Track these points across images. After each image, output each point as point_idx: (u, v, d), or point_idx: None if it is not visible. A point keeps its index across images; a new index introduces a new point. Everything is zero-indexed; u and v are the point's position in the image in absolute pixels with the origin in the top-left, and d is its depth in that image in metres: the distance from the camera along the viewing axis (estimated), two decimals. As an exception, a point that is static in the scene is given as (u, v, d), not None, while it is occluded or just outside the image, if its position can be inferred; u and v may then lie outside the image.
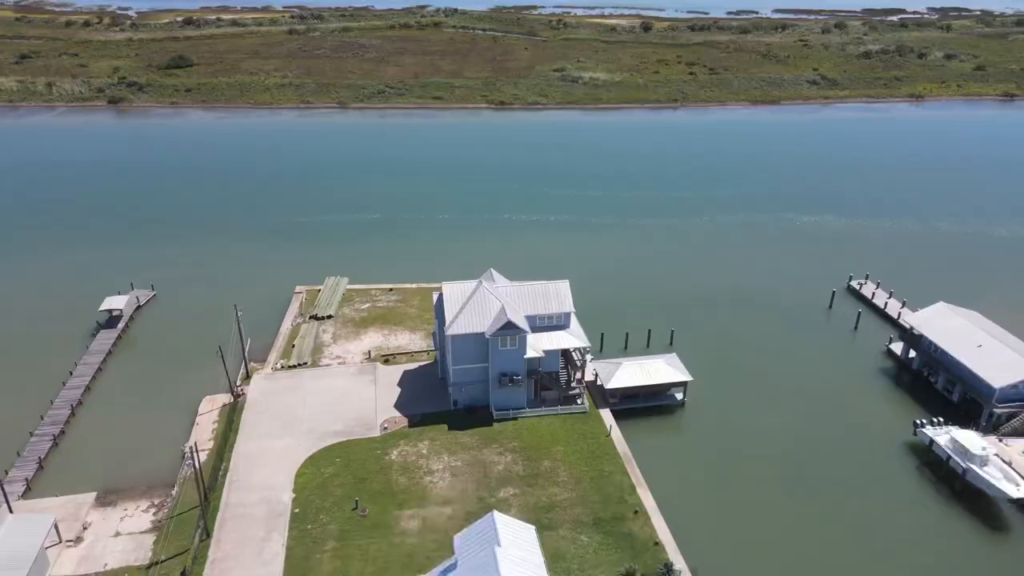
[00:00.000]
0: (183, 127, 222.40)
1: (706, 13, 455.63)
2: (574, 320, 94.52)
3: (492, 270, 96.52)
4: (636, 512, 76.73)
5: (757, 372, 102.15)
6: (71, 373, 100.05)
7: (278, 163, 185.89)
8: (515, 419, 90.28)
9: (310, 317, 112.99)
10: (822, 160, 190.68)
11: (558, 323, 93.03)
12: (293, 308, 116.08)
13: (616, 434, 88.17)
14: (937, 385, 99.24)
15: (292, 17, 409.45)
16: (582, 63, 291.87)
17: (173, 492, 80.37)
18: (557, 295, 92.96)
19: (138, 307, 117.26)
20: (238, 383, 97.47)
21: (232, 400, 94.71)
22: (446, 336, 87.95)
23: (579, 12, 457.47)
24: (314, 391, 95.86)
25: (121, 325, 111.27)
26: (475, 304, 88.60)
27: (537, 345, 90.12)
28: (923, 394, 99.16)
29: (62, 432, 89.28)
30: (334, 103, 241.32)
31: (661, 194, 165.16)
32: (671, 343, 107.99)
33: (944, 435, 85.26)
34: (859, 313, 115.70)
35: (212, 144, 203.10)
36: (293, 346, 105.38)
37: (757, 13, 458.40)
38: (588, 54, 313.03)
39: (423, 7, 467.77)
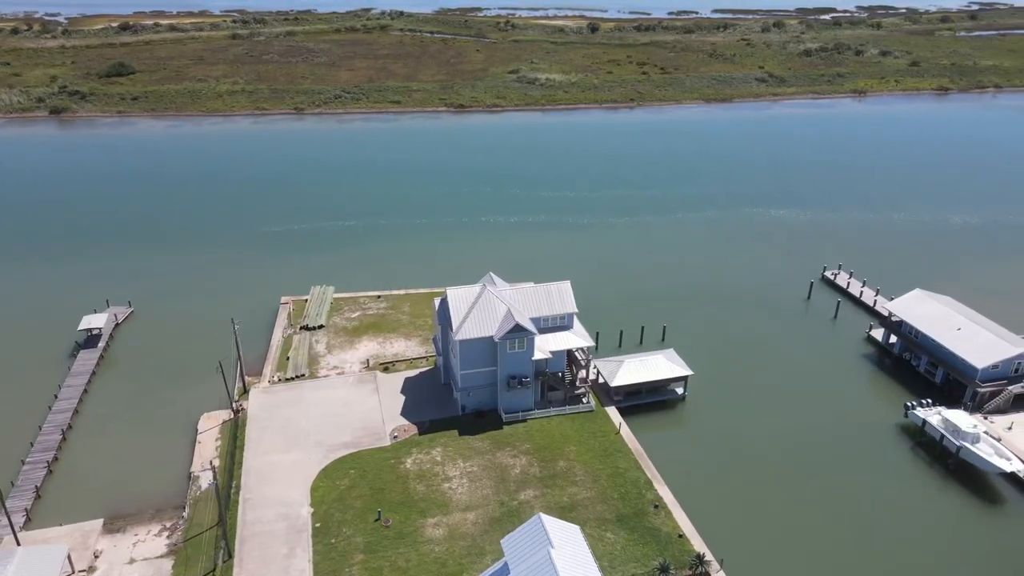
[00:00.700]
0: (134, 137, 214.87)
1: (648, 13, 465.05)
2: (576, 320, 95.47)
3: (491, 274, 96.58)
4: (656, 507, 78.10)
5: (749, 364, 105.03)
6: (56, 396, 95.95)
7: (243, 171, 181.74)
8: (524, 421, 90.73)
9: (301, 328, 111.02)
10: (780, 156, 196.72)
11: (562, 324, 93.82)
12: (281, 319, 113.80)
13: (625, 431, 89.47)
14: (920, 368, 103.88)
15: (234, 22, 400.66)
16: (536, 64, 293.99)
17: (184, 513, 77.99)
18: (560, 296, 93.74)
19: (116, 325, 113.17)
20: (235, 398, 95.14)
21: (232, 416, 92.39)
22: (454, 341, 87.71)
23: (524, 14, 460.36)
24: (316, 403, 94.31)
25: (102, 344, 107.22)
26: (481, 308, 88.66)
27: (543, 346, 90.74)
28: (906, 377, 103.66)
29: (55, 458, 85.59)
30: (290, 109, 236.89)
31: (630, 193, 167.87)
32: (663, 339, 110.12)
33: (935, 416, 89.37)
34: (838, 303, 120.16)
35: (169, 153, 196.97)
36: (288, 358, 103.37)
37: (697, 13, 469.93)
38: (540, 55, 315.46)
39: (367, 10, 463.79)
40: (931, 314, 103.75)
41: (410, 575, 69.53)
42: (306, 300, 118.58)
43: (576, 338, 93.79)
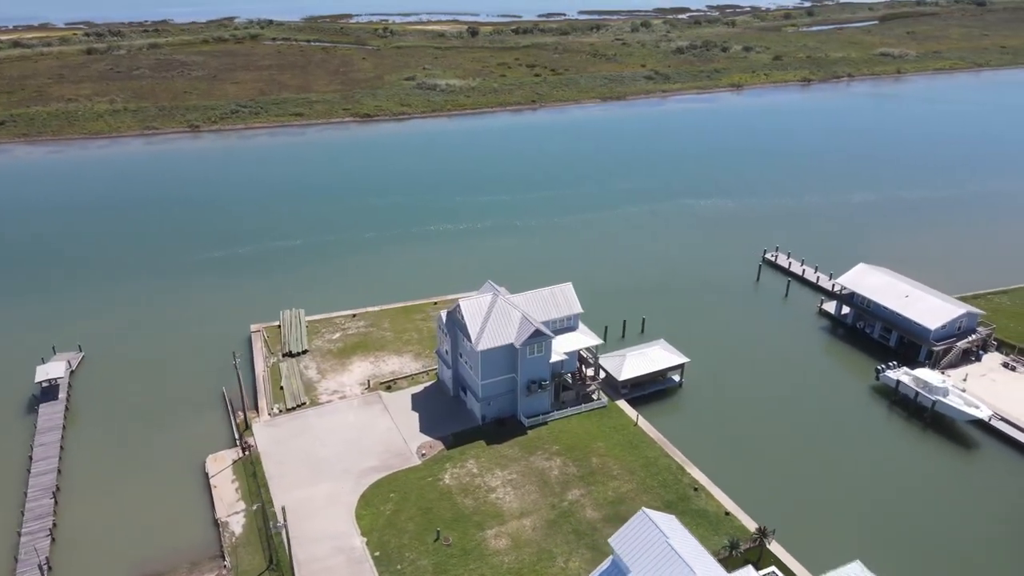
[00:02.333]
0: (13, 165, 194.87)
1: (519, 16, 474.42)
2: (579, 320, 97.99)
3: (490, 282, 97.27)
4: (695, 489, 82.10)
5: (724, 347, 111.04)
6: (30, 457, 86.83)
7: (156, 194, 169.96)
8: (545, 424, 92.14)
9: (284, 355, 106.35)
10: (691, 148, 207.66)
11: (569, 325, 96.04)
12: (258, 348, 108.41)
13: (643, 422, 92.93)
14: (874, 335, 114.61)
15: (86, 35, 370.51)
16: (429, 70, 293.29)
17: (226, 563, 73.39)
18: (565, 298, 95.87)
19: (71, 372, 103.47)
20: (238, 435, 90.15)
21: (242, 454, 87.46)
22: (474, 351, 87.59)
23: (397, 19, 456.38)
24: (328, 430, 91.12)
25: (63, 395, 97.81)
26: (497, 316, 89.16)
27: (557, 348, 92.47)
28: (862, 344, 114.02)
29: (54, 524, 77.74)
30: (184, 127, 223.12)
31: (566, 192, 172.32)
32: (642, 331, 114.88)
33: (907, 376, 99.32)
34: (788, 282, 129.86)
35: (64, 181, 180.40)
36: (281, 388, 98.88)
37: (565, 15, 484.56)
38: (429, 61, 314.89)
39: (231, 19, 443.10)
40: (878, 285, 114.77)
41: (490, 589, 69.56)
42: (278, 326, 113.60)
43: (586, 337, 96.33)
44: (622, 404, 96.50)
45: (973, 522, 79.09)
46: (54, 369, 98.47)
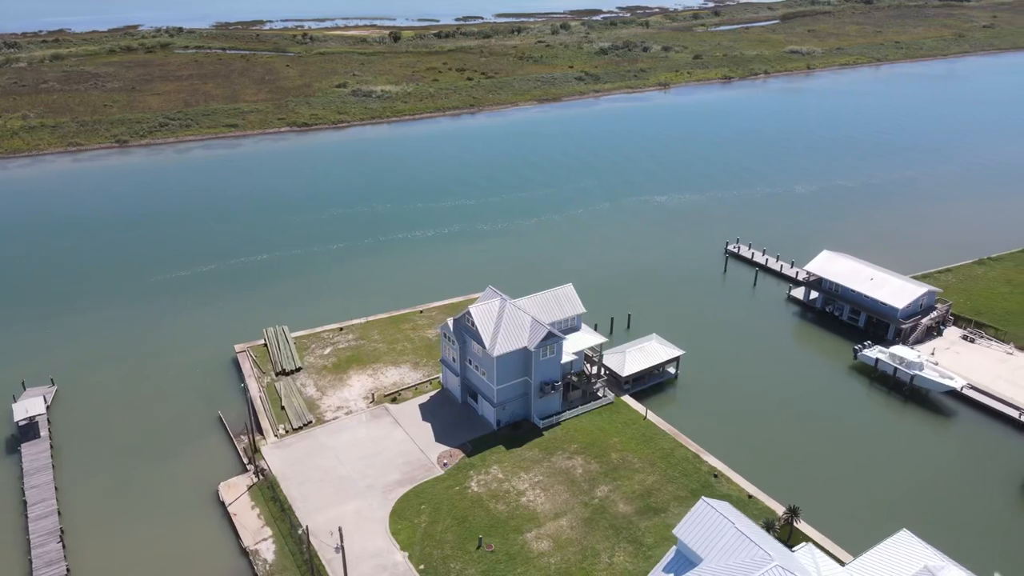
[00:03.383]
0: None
1: (436, 20, 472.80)
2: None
3: (491, 287, 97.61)
4: (716, 476, 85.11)
5: (707, 337, 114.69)
6: (24, 502, 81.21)
7: (95, 213, 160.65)
8: (558, 424, 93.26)
9: (277, 374, 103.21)
10: (631, 147, 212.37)
11: (573, 325, 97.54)
12: (247, 368, 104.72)
13: (651, 415, 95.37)
14: (843, 317, 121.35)
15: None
16: (359, 76, 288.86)
17: (266, 592, 71.10)
18: (568, 299, 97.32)
19: (47, 407, 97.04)
20: (248, 459, 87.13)
21: (257, 479, 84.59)
22: (489, 357, 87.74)
23: (312, 26, 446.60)
24: (342, 447, 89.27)
25: (45, 432, 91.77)
26: (508, 321, 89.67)
27: (566, 348, 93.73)
28: (832, 325, 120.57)
29: (68, 571, 73.08)
30: (111, 142, 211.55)
31: (524, 195, 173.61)
32: (628, 327, 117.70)
33: (884, 353, 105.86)
34: (756, 272, 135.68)
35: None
36: (283, 408, 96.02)
37: (482, 18, 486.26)
38: (355, 67, 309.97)
39: (135, 27, 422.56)
40: (844, 270, 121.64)
41: (544, 590, 70.16)
42: (264, 345, 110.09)
43: (592, 337, 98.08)
44: (627, 399, 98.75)
45: (968, 482, 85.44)
46: (33, 406, 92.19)
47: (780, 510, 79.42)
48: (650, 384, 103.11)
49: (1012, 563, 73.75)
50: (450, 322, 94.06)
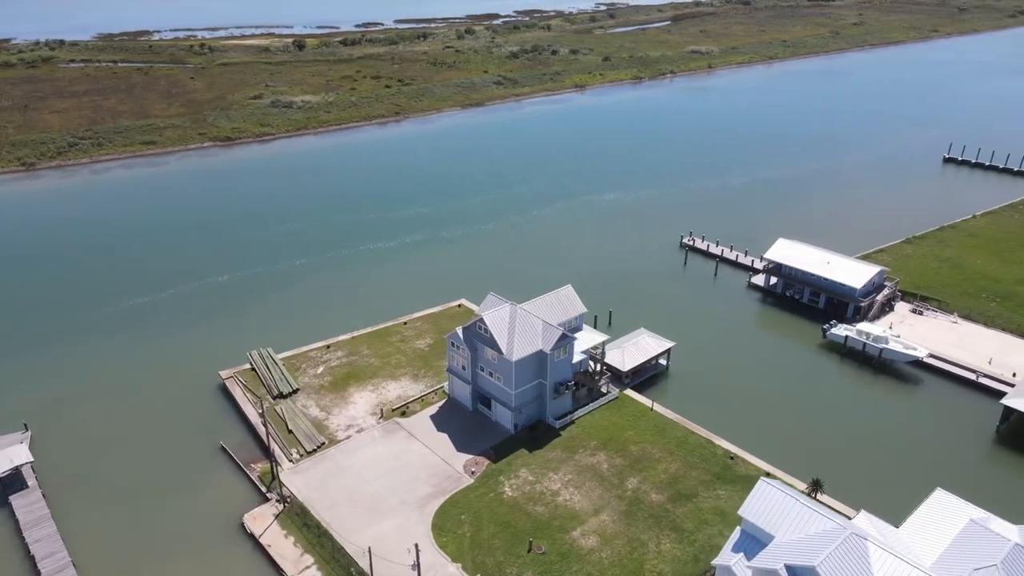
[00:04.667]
0: None
1: (337, 27, 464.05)
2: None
3: (492, 293, 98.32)
4: (732, 458, 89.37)
5: (683, 328, 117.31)
6: (31, 556, 75.11)
7: (17, 243, 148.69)
8: (572, 423, 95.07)
9: (275, 397, 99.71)
10: (569, 148, 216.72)
11: (576, 325, 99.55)
12: (239, 394, 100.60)
13: (657, 406, 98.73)
14: (803, 299, 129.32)
15: None
16: (273, 87, 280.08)
17: (324, 620, 69.11)
18: (569, 300, 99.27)
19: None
20: (266, 487, 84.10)
21: (283, 506, 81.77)
22: (509, 362, 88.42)
23: (205, 35, 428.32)
24: (363, 466, 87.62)
25: (33, 481, 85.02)
26: (522, 326, 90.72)
27: (575, 348, 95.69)
28: (794, 308, 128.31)
29: (101, 624, 68.56)
30: (15, 165, 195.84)
31: (479, 200, 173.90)
32: (610, 323, 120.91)
33: (852, 330, 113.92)
34: (717, 263, 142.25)
35: None
36: (290, 431, 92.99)
37: (382, 24, 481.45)
38: (266, 78, 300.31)
39: (6, 41, 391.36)
40: (801, 256, 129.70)
41: (606, 584, 71.84)
42: (251, 369, 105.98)
43: (595, 335, 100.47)
44: (630, 393, 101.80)
45: (951, 437, 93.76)
46: (16, 454, 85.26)
47: (799, 485, 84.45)
48: (645, 377, 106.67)
49: (1000, 495, 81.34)
50: (459, 331, 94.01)
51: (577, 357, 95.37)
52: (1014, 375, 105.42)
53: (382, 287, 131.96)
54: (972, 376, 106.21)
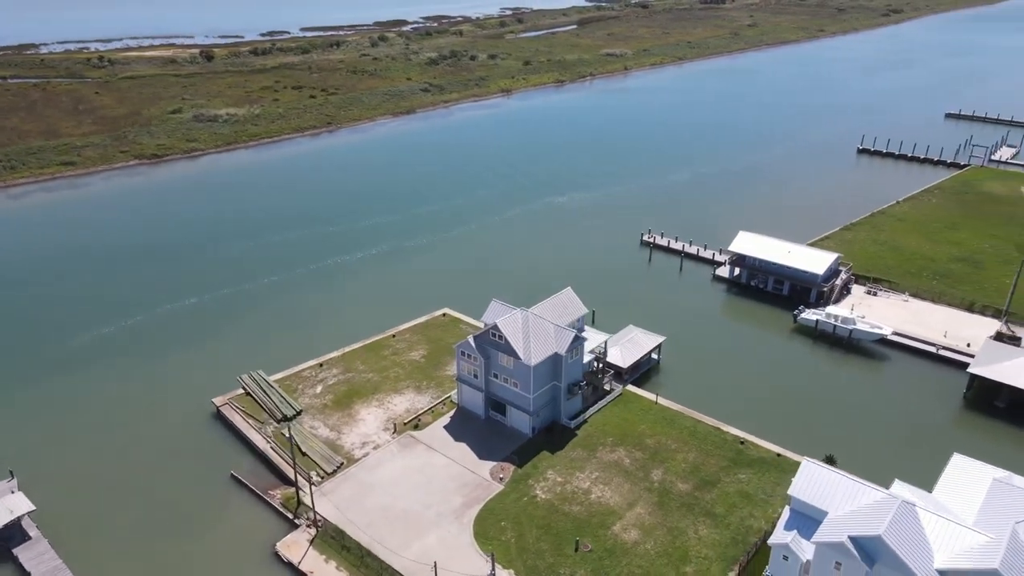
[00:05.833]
0: None
1: (241, 36, 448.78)
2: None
3: (495, 300, 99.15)
4: (742, 443, 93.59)
5: (660, 323, 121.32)
6: (55, 611, 70.29)
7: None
8: (585, 422, 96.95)
9: (279, 421, 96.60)
10: (511, 150, 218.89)
11: (579, 327, 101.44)
12: (239, 421, 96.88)
13: (661, 400, 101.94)
14: (768, 288, 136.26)
15: None
16: (190, 100, 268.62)
17: (388, 641, 68.05)
18: (571, 302, 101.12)
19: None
20: (292, 513, 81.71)
21: (315, 531, 79.66)
22: (527, 366, 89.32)
23: (98, 47, 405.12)
24: (388, 482, 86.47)
25: (36, 532, 79.23)
26: (535, 331, 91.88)
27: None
28: (760, 296, 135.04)
29: (151, 672, 64.91)
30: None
31: (434, 208, 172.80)
32: (593, 322, 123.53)
33: (820, 314, 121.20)
34: (681, 259, 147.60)
35: None
36: (304, 454, 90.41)
37: (289, 32, 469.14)
38: (178, 91, 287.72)
39: None
40: (763, 247, 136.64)
41: (655, 573, 73.90)
42: (246, 394, 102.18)
43: (598, 335, 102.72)
44: (632, 388, 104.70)
45: (926, 404, 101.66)
46: (14, 504, 79.16)
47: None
48: (641, 372, 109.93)
49: (984, 452, 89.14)
50: (470, 340, 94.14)
51: (585, 357, 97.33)
52: (968, 345, 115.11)
53: (360, 300, 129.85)
54: (932, 349, 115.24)
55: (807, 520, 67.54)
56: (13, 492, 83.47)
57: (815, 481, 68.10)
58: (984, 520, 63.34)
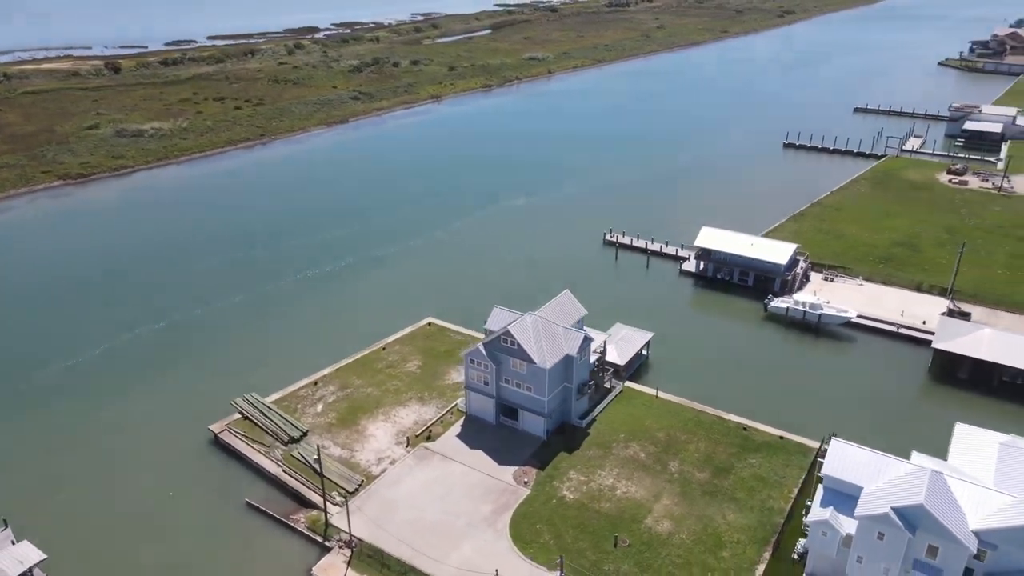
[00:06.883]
0: None
1: (145, 46, 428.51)
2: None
3: (498, 306, 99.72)
4: (745, 429, 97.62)
5: (637, 319, 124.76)
6: (90, 663, 66.00)
7: None
8: (594, 420, 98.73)
9: (286, 443, 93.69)
10: (454, 157, 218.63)
11: (580, 327, 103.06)
12: (242, 447, 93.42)
13: (661, 394, 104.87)
14: (734, 279, 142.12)
15: None
16: (105, 115, 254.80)
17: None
18: (571, 304, 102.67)
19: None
20: (321, 536, 79.77)
21: (350, 552, 77.99)
22: (542, 370, 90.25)
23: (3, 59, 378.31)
24: (411, 496, 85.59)
25: (45, 579, 74.29)
26: (546, 334, 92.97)
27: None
28: (727, 288, 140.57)
29: None
30: None
31: (393, 218, 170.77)
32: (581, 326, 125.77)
33: (789, 302, 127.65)
34: (647, 257, 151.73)
35: None
36: (321, 475, 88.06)
37: (195, 42, 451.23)
38: (89, 105, 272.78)
39: None
40: (727, 241, 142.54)
41: (694, 561, 76.40)
42: (243, 418, 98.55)
43: (597, 334, 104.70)
44: (631, 384, 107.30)
45: (897, 379, 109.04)
46: (24, 554, 73.71)
47: (811, 444, 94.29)
48: (634, 368, 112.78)
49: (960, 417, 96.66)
50: (481, 347, 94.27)
51: (592, 356, 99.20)
52: (924, 323, 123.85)
53: (339, 316, 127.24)
54: (893, 328, 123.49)
55: (841, 496, 71.51)
56: (13, 543, 77.74)
57: (845, 459, 72.21)
58: (1002, 482, 68.92)
